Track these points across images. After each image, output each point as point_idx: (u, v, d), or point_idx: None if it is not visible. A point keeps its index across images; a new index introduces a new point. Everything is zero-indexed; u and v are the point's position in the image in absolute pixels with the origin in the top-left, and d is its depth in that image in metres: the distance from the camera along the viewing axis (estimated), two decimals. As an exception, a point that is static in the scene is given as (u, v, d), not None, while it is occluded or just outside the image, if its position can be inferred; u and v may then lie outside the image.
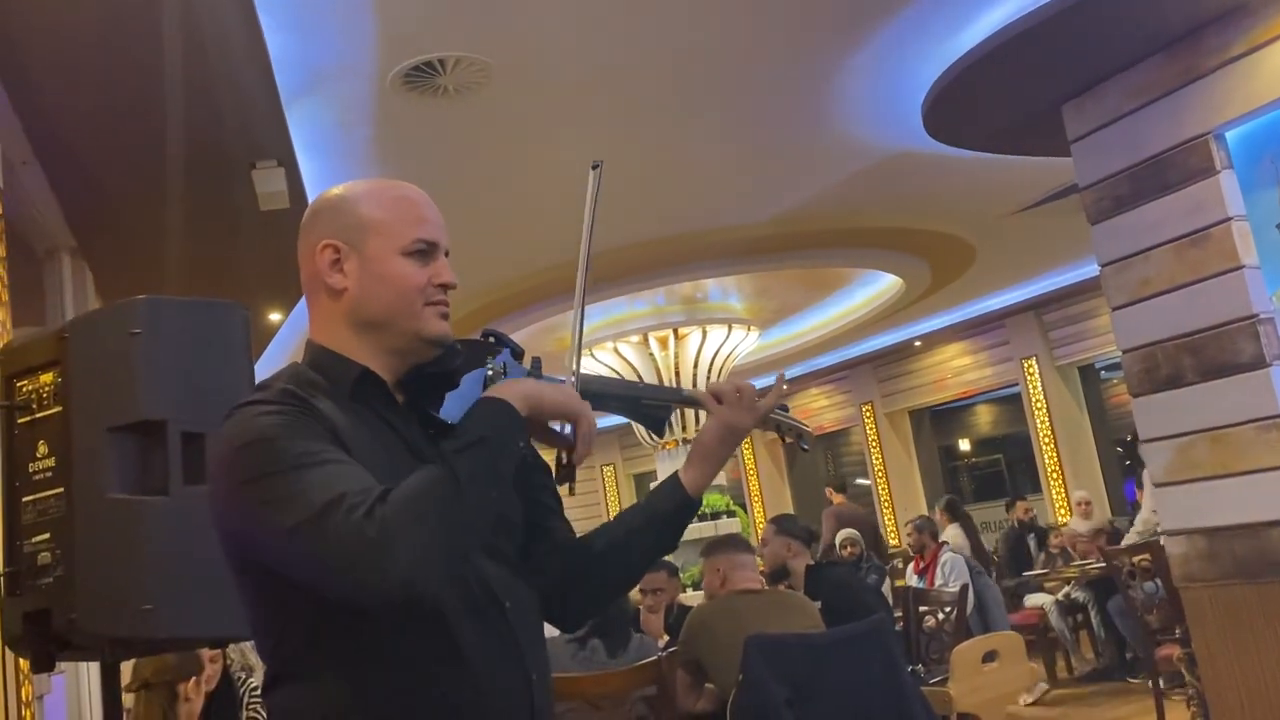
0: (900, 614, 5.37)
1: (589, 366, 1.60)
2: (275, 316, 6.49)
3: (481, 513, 1.28)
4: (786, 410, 1.65)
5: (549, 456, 1.54)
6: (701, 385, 8.36)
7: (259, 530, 1.24)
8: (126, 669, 2.73)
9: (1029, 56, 4.13)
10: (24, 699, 2.57)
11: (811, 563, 4.60)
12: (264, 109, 3.81)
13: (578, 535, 1.58)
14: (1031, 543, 8.47)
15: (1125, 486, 10.64)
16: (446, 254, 1.45)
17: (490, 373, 1.46)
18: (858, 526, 7.96)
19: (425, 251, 1.41)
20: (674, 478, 1.58)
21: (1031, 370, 11.16)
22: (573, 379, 1.49)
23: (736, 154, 5.71)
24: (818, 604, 4.28)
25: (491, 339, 1.52)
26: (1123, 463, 11.33)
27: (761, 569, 5.16)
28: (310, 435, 1.27)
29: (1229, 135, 3.86)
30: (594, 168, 1.54)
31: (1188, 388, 3.90)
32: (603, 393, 1.58)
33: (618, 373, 9.45)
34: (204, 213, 4.58)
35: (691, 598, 6.40)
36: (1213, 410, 3.82)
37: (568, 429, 1.42)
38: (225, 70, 3.49)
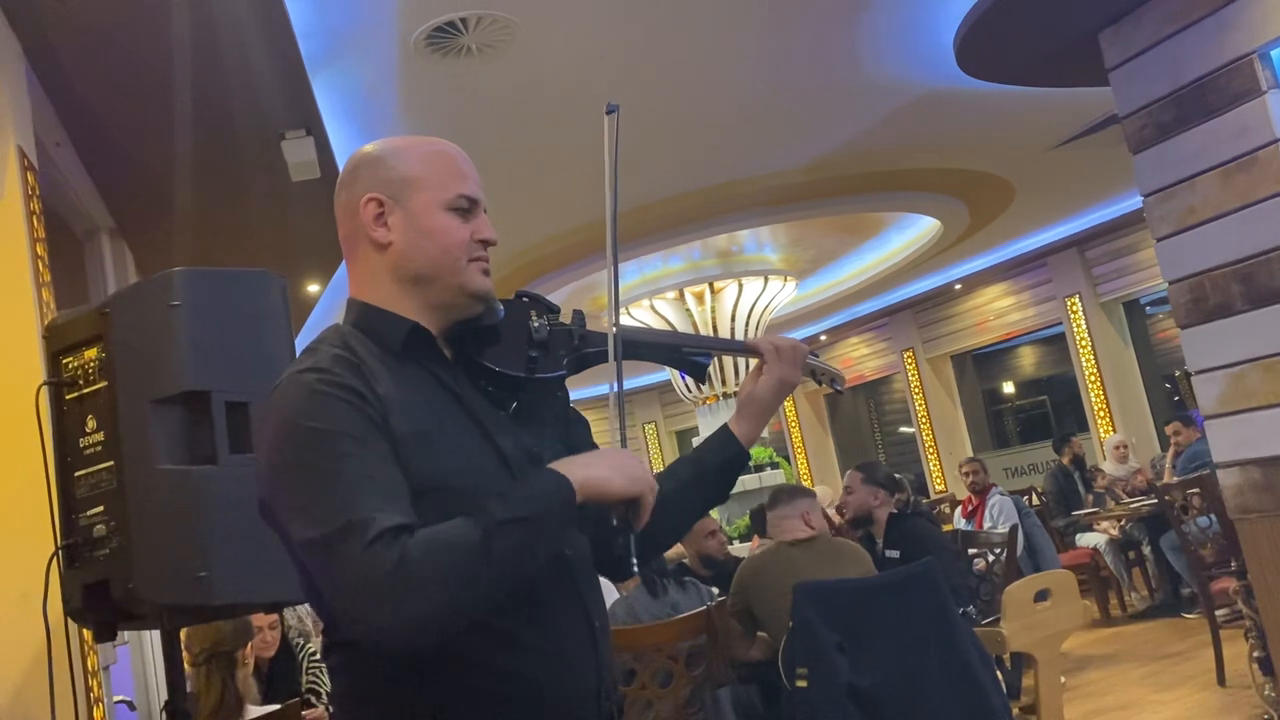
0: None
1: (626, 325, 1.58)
2: (314, 288, 6.52)
3: (503, 587, 1.23)
4: (817, 356, 1.68)
5: None
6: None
7: (284, 522, 1.26)
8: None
9: (1063, -17, 4.02)
10: (90, 669, 2.63)
11: (894, 511, 4.59)
12: (289, 79, 3.81)
13: None
14: (1079, 481, 8.39)
15: (1176, 423, 10.46)
16: (485, 210, 1.46)
17: (535, 326, 1.45)
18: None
19: (467, 209, 1.42)
20: (725, 430, 1.58)
21: (1075, 308, 10.99)
22: (613, 330, 1.48)
23: (766, 101, 5.63)
24: (896, 553, 4.27)
25: (525, 300, 1.51)
26: (1171, 399, 11.15)
27: (842, 517, 5.14)
28: (353, 421, 1.26)
29: (1274, 54, 3.73)
30: (609, 112, 1.49)
31: (1238, 316, 3.82)
32: (644, 342, 1.56)
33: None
34: (237, 186, 4.60)
35: (739, 550, 6.41)
36: (1265, 338, 3.74)
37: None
38: (248, 41, 3.48)
